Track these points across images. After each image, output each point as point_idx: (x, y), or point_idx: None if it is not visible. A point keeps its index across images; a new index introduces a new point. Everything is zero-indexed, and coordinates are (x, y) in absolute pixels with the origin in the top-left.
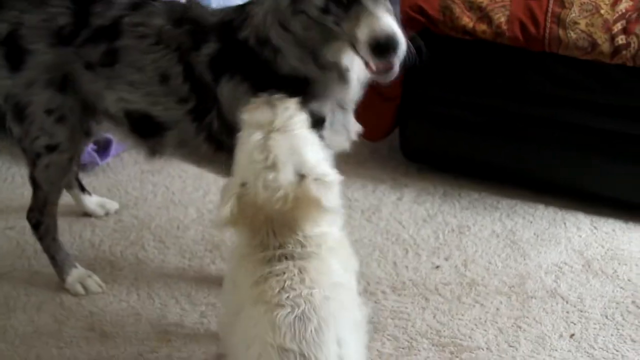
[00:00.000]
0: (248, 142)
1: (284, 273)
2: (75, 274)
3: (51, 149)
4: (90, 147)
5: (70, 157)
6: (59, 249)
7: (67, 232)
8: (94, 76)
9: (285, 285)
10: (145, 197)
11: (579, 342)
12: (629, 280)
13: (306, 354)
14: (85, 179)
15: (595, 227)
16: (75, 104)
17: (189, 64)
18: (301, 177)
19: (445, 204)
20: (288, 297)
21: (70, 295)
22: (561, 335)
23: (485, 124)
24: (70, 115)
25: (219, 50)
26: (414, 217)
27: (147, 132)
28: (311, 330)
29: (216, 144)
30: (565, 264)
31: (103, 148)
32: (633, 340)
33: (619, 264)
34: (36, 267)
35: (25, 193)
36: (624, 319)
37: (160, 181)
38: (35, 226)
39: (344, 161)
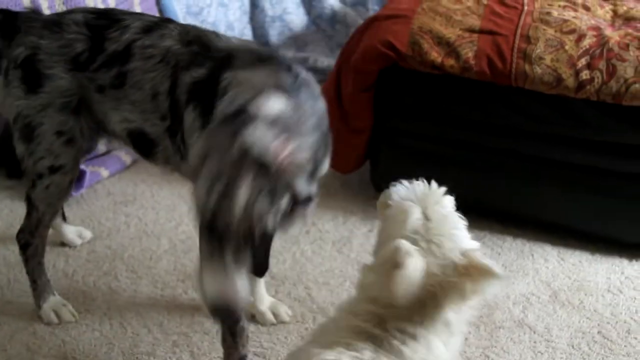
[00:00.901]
0: (406, 211)
1: (356, 351)
2: (52, 302)
3: (54, 170)
4: None
5: (71, 179)
6: (42, 273)
7: None
8: (103, 98)
9: None
10: (118, 228)
11: None
12: (595, 310)
13: None
14: None
15: (562, 259)
16: (86, 126)
17: (175, 81)
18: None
19: None
20: None
21: (43, 325)
22: None
23: (454, 156)
24: (80, 137)
25: (204, 77)
26: None
27: (146, 150)
28: None
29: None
30: (533, 294)
31: (77, 179)
32: None
33: (586, 294)
34: (9, 296)
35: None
36: (590, 348)
37: (133, 212)
38: (24, 247)
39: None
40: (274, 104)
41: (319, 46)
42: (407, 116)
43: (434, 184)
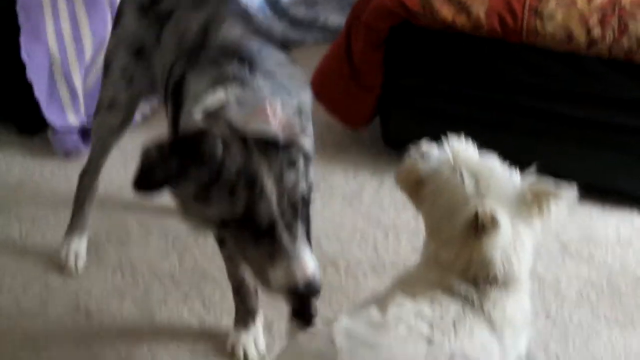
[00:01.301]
0: (453, 178)
1: (440, 306)
2: (72, 244)
3: (111, 105)
4: (74, 135)
5: (123, 120)
6: (79, 215)
7: (52, 217)
8: (155, 50)
9: (421, 312)
10: (129, 183)
11: (555, 321)
12: (604, 262)
13: None
14: (69, 165)
15: (572, 211)
16: (144, 75)
17: (170, 70)
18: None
19: None
20: (400, 319)
21: (55, 276)
22: (537, 314)
23: (463, 114)
24: (138, 81)
25: (180, 78)
26: (394, 202)
27: None
28: None
29: None
30: (542, 246)
31: (87, 135)
32: (607, 319)
33: (595, 246)
34: (22, 250)
35: (8, 180)
36: (598, 299)
37: None
38: (79, 176)
39: (326, 147)
40: (213, 100)
41: (329, 4)
42: (418, 73)
43: (451, 138)
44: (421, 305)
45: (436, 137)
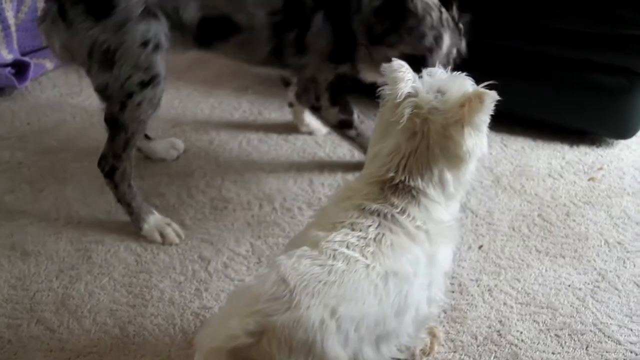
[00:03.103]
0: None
1: (360, 230)
2: (153, 222)
3: (145, 84)
4: (7, 71)
5: (162, 89)
6: (135, 196)
7: None
8: None
9: (348, 242)
10: (65, 120)
11: (487, 253)
12: (535, 194)
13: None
14: (3, 104)
15: (505, 145)
16: (167, 25)
17: None
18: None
19: (362, 124)
20: (335, 252)
21: None
22: (470, 247)
23: None
24: (165, 40)
25: None
26: (330, 137)
27: (217, 35)
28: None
29: (275, 55)
30: (475, 179)
31: (21, 72)
32: (538, 251)
33: (527, 179)
34: None
35: None
36: (530, 230)
37: (79, 104)
38: (109, 173)
39: (263, 82)
40: None
41: None
42: None
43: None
44: (346, 235)
45: None
